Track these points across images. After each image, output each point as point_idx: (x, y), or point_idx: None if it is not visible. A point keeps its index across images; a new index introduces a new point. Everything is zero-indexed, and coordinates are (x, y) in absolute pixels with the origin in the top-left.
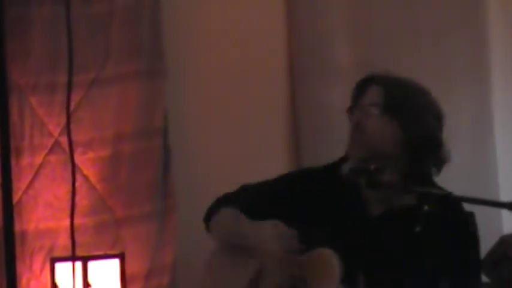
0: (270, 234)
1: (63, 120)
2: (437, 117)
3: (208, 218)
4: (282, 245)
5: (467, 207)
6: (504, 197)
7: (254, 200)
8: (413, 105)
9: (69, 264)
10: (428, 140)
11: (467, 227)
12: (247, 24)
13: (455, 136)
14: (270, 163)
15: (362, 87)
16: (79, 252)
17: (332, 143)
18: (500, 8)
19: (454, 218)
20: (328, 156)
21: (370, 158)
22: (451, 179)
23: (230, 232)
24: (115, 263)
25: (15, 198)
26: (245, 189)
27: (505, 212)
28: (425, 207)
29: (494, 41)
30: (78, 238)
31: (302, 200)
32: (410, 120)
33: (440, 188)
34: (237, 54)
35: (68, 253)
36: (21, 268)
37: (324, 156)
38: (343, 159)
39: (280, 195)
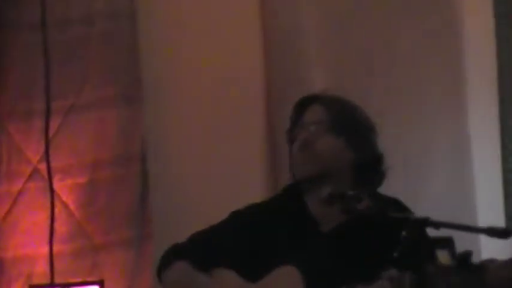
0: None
1: (42, 147)
2: (374, 132)
3: (159, 272)
4: None
5: (445, 232)
6: (482, 223)
7: (205, 250)
8: (355, 122)
9: None
10: (372, 156)
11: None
12: (224, 49)
13: (433, 163)
14: (248, 185)
15: (302, 107)
16: (57, 279)
17: None
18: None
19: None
20: None
21: (320, 176)
22: (430, 205)
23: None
24: None
25: None
26: (195, 239)
27: (482, 237)
28: (404, 233)
29: (470, 67)
30: (57, 265)
31: (259, 234)
32: (354, 137)
33: (395, 201)
34: (214, 80)
35: (47, 280)
36: None
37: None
38: (290, 187)
39: (229, 238)
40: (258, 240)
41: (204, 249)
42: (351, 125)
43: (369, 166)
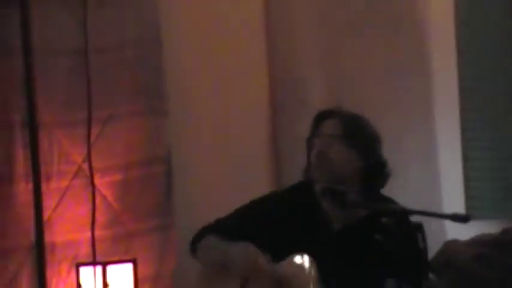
0: (239, 254)
1: (85, 150)
2: (379, 142)
3: (193, 245)
4: (247, 262)
5: (416, 218)
6: (446, 211)
7: (232, 226)
8: (364, 135)
9: (91, 268)
10: (378, 164)
11: (415, 234)
12: (234, 70)
13: (406, 162)
14: (253, 180)
15: (320, 120)
16: (99, 259)
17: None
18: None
19: (406, 227)
20: None
21: (333, 181)
22: (406, 197)
23: (211, 255)
24: (129, 267)
25: (46, 215)
26: (223, 219)
27: (447, 222)
28: (384, 220)
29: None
30: (98, 247)
31: (273, 222)
32: (364, 148)
33: (389, 199)
34: (226, 95)
35: (90, 259)
36: (50, 273)
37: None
38: (303, 183)
39: (254, 219)
40: (274, 227)
41: (228, 226)
42: (361, 138)
43: (375, 172)
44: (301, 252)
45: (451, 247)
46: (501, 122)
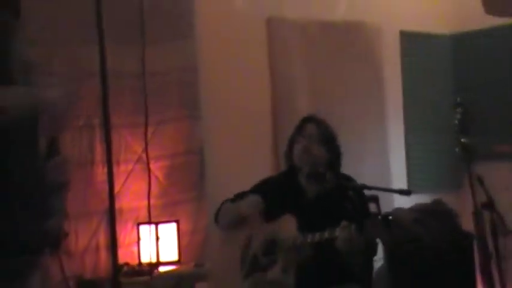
0: (247, 202)
1: (143, 144)
2: (338, 140)
3: (216, 217)
4: (252, 207)
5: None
6: (395, 186)
7: (241, 194)
8: (332, 136)
9: (147, 226)
10: (338, 155)
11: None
12: (248, 91)
13: (365, 152)
14: (261, 168)
15: (303, 122)
16: (152, 219)
17: None
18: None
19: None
20: None
21: (314, 166)
22: (364, 177)
23: (227, 215)
24: (174, 226)
25: (116, 189)
26: (236, 194)
27: (395, 195)
28: (351, 192)
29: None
30: (152, 212)
31: (271, 193)
32: (331, 145)
33: (348, 176)
34: (242, 109)
35: (146, 220)
36: (119, 229)
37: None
38: (291, 168)
39: (257, 193)
40: (271, 197)
41: (239, 194)
42: (329, 138)
43: (337, 160)
44: (287, 212)
45: (397, 212)
46: (430, 126)
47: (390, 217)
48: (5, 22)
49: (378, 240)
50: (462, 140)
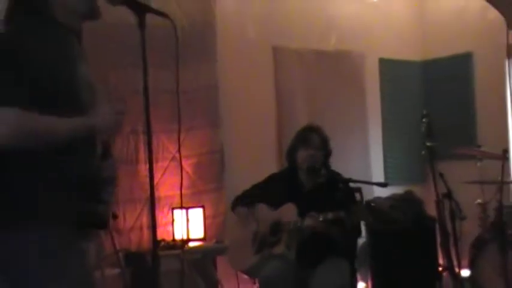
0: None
1: (177, 146)
2: (329, 143)
3: (232, 207)
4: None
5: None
6: (374, 180)
7: (253, 193)
8: (326, 141)
9: (180, 210)
10: (329, 155)
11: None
12: (259, 104)
13: (350, 152)
14: (268, 167)
15: (304, 131)
16: (184, 205)
17: None
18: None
19: (350, 188)
20: None
21: (313, 164)
22: (349, 172)
23: (241, 214)
24: (200, 210)
25: (155, 181)
26: (247, 190)
27: (375, 187)
28: (340, 185)
29: (370, 113)
30: (183, 199)
31: (275, 186)
32: (326, 149)
33: (336, 172)
34: (254, 121)
35: (179, 206)
36: (158, 213)
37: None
38: (293, 166)
39: (263, 187)
40: (275, 189)
41: (249, 194)
42: (325, 143)
43: (328, 159)
44: (289, 201)
45: (376, 200)
46: (403, 132)
47: (372, 204)
48: (76, 46)
49: (362, 222)
50: (427, 143)
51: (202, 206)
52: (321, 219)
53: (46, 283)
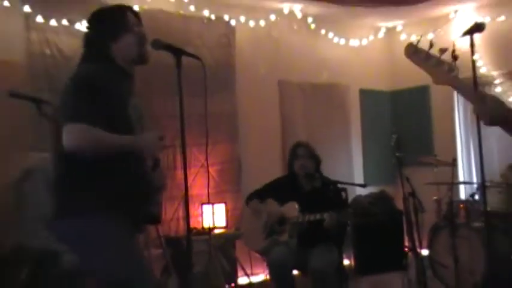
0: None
1: (205, 156)
2: (318, 155)
3: (246, 202)
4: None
5: (344, 185)
6: (356, 181)
7: (263, 191)
8: (313, 151)
9: (208, 205)
10: (319, 163)
11: (342, 193)
12: (267, 125)
13: (337, 160)
14: (274, 172)
15: (296, 146)
16: (210, 201)
17: None
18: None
19: (337, 188)
20: None
21: (308, 172)
22: (338, 176)
23: (253, 208)
24: (223, 206)
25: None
26: (258, 189)
27: (356, 187)
28: (331, 186)
29: (352, 128)
30: (210, 197)
31: (280, 188)
32: (314, 157)
33: (325, 176)
34: (264, 140)
35: (207, 201)
36: (191, 207)
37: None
38: (293, 172)
39: (271, 186)
40: (280, 190)
41: (263, 191)
42: (312, 153)
43: (319, 166)
44: (292, 200)
45: (357, 198)
46: (378, 144)
47: (352, 209)
48: (131, 84)
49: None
50: (396, 154)
51: (225, 202)
52: (318, 216)
53: (105, 254)
